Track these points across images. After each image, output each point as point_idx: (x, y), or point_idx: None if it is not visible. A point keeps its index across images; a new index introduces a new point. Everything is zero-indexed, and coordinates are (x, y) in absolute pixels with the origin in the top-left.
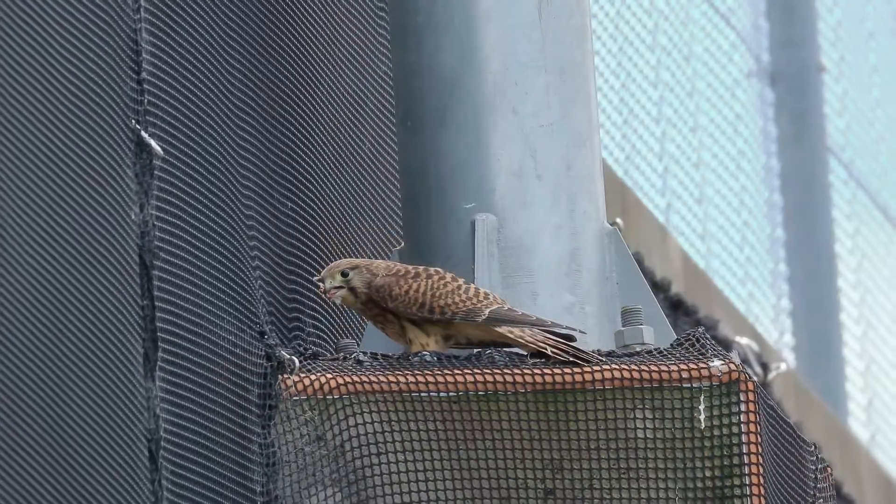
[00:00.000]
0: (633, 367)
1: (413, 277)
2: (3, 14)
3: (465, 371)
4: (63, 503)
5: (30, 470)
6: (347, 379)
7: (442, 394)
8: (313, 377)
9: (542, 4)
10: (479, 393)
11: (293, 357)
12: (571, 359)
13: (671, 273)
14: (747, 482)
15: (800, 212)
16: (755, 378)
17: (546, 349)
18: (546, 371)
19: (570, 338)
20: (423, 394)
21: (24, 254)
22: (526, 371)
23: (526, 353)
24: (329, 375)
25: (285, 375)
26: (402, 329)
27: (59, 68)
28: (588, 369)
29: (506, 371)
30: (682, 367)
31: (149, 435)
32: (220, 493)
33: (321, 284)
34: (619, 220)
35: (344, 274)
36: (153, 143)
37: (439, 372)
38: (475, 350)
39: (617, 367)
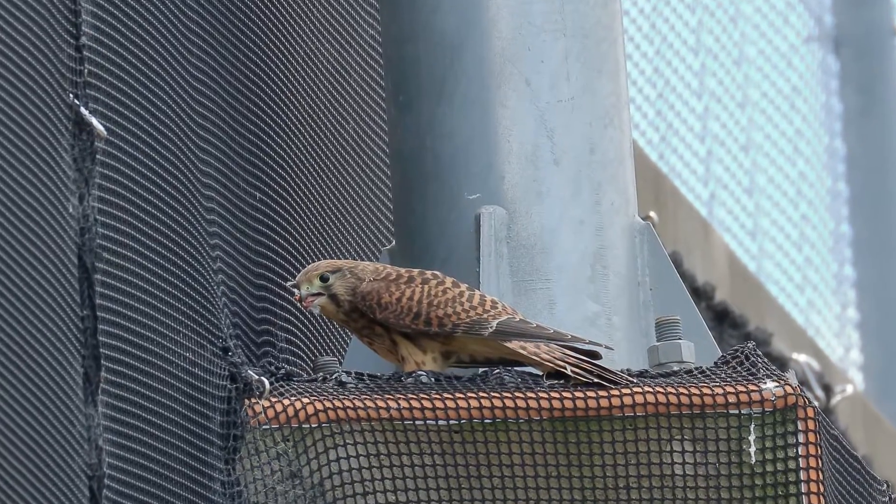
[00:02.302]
0: (670, 389)
1: (406, 282)
2: None
3: (469, 395)
4: None
5: None
6: (328, 404)
7: (441, 422)
8: (287, 402)
9: None
10: (486, 421)
11: (262, 378)
12: (596, 380)
13: (715, 277)
14: None
15: (869, 203)
16: (816, 403)
17: (565, 368)
18: (566, 395)
19: (595, 355)
20: (418, 422)
21: None
22: (541, 395)
23: (541, 374)
24: (305, 400)
25: (253, 400)
26: (393, 344)
27: None
28: (616, 393)
29: (517, 395)
30: (729, 389)
31: (90, 471)
32: None
33: (296, 291)
34: (652, 214)
35: (323, 278)
36: (95, 121)
37: (438, 396)
38: (481, 370)
39: (650, 389)
